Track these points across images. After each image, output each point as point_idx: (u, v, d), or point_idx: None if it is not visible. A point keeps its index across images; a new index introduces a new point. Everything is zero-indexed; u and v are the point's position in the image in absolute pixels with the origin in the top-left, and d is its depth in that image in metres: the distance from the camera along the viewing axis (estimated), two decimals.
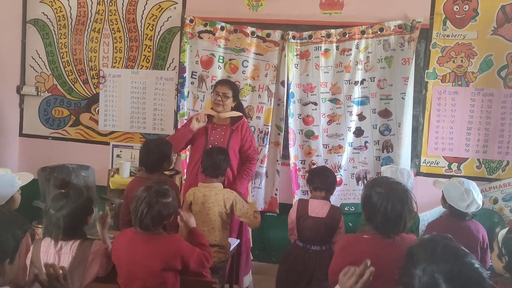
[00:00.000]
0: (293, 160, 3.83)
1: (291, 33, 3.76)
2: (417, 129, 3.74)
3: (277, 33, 3.82)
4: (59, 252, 1.95)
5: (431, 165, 3.77)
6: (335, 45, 3.75)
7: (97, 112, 4.30)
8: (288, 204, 3.63)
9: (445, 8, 3.66)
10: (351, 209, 3.81)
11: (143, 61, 4.18)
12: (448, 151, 3.74)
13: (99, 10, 4.22)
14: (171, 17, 4.08)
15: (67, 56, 4.32)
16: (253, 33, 3.85)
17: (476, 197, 2.48)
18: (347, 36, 3.72)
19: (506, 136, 3.64)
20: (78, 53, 4.29)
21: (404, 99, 3.64)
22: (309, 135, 3.87)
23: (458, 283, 1.13)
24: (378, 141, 3.80)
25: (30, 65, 4.39)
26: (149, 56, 4.16)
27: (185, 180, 3.55)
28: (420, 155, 3.78)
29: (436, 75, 3.71)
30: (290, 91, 3.80)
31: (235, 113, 3.26)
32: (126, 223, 2.71)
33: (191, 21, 3.92)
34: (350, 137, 3.82)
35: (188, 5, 4.05)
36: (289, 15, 3.86)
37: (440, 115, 3.74)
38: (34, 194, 3.62)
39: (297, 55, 3.81)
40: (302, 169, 3.88)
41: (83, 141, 4.34)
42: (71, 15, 4.27)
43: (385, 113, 3.77)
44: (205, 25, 3.91)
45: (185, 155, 3.96)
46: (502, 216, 3.60)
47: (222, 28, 3.89)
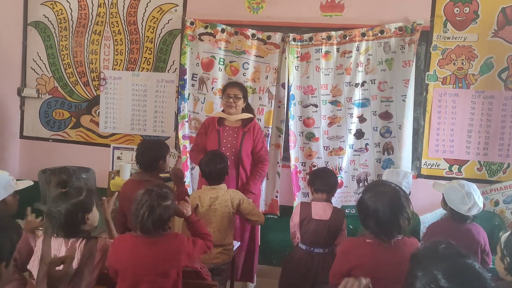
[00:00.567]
0: (293, 162, 3.83)
1: (291, 35, 3.76)
2: (417, 131, 3.74)
3: (277, 35, 3.82)
4: (69, 250, 1.98)
5: (432, 167, 3.77)
6: (335, 47, 3.76)
7: (97, 114, 4.30)
8: (289, 207, 3.63)
9: (446, 10, 3.66)
10: (351, 211, 3.80)
11: (143, 63, 4.19)
12: (449, 153, 3.74)
13: (100, 12, 4.23)
14: (171, 19, 4.09)
15: (68, 58, 4.32)
16: (253, 35, 3.85)
17: (477, 200, 2.47)
18: (347, 38, 3.72)
19: (507, 138, 3.63)
20: (79, 55, 4.30)
21: (404, 101, 3.64)
22: (310, 137, 3.87)
23: (458, 281, 1.13)
24: (379, 143, 3.80)
25: (31, 67, 4.40)
26: (150, 58, 4.17)
27: (198, 182, 3.52)
28: (421, 157, 3.77)
29: (437, 77, 3.71)
30: (291, 93, 3.80)
31: (246, 115, 3.30)
32: (122, 225, 2.73)
33: (192, 23, 3.92)
34: (351, 139, 3.81)
35: (188, 7, 4.05)
36: (289, 18, 3.86)
37: (440, 117, 3.74)
38: (35, 196, 3.62)
39: (297, 57, 3.81)
40: (302, 171, 3.88)
41: (83, 143, 4.35)
42: (72, 17, 4.28)
43: (386, 115, 3.77)
44: (206, 27, 3.91)
45: (186, 157, 3.96)
46: (503, 218, 3.60)
47: (223, 31, 3.89)
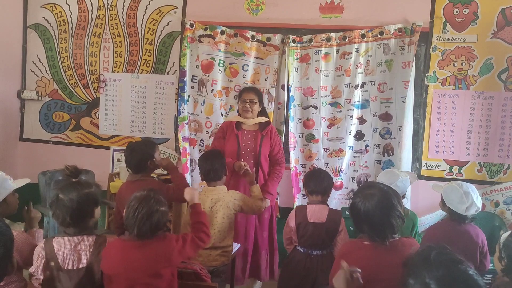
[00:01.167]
0: (293, 164, 3.83)
1: (291, 37, 3.77)
2: (417, 133, 3.74)
3: (277, 37, 3.82)
4: (75, 249, 1.99)
5: (432, 168, 3.76)
6: (335, 48, 3.76)
7: (97, 116, 4.31)
8: (289, 208, 3.62)
9: (445, 11, 3.67)
10: None
11: (143, 65, 4.19)
12: (449, 154, 3.74)
13: (99, 14, 4.23)
14: (171, 21, 4.10)
15: (67, 61, 4.33)
16: (253, 37, 3.86)
17: (475, 200, 2.47)
18: (347, 39, 3.72)
19: (507, 139, 3.63)
20: (78, 58, 4.31)
21: (404, 102, 3.64)
22: (310, 138, 3.86)
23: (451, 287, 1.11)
24: (379, 144, 3.80)
25: (31, 69, 4.41)
26: (150, 60, 4.17)
27: None
28: (421, 159, 3.77)
29: (437, 78, 3.71)
30: (291, 94, 3.80)
31: (263, 119, 3.35)
32: (119, 226, 2.73)
33: (191, 25, 3.93)
34: (351, 140, 3.81)
35: (188, 9, 4.06)
36: (289, 19, 3.87)
37: (440, 118, 3.74)
38: (35, 198, 3.61)
39: (297, 58, 3.82)
40: (302, 173, 3.87)
41: (83, 145, 4.35)
42: (71, 20, 4.29)
43: (386, 117, 3.76)
44: (205, 29, 3.92)
45: (186, 159, 3.96)
46: (503, 219, 3.59)
47: (222, 32, 3.89)
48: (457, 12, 3.65)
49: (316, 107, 3.83)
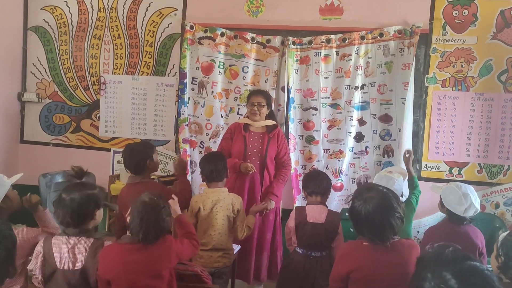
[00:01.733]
0: (293, 166, 3.83)
1: (291, 38, 3.77)
2: (417, 134, 3.75)
3: (277, 39, 3.83)
4: (72, 250, 1.99)
5: (432, 169, 3.77)
6: (335, 50, 3.76)
7: (97, 118, 4.31)
8: (289, 210, 3.61)
9: (445, 13, 3.67)
10: None
11: (143, 67, 4.20)
12: (449, 155, 3.74)
13: (99, 16, 4.24)
14: (171, 23, 4.11)
15: (68, 63, 4.34)
16: (253, 39, 3.86)
17: (473, 201, 2.47)
18: (347, 41, 3.73)
19: (507, 140, 3.64)
20: (79, 60, 4.31)
21: (404, 104, 3.64)
22: (310, 140, 3.87)
23: (468, 282, 1.15)
24: (379, 146, 3.80)
25: (31, 71, 4.41)
26: (150, 62, 4.18)
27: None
28: (421, 160, 3.77)
29: (436, 80, 3.72)
30: (290, 96, 3.81)
31: (271, 122, 3.40)
32: (121, 228, 2.73)
33: (192, 27, 3.93)
34: (351, 142, 3.82)
35: (188, 11, 4.07)
36: (289, 21, 3.87)
37: (440, 119, 3.74)
38: None
39: (297, 60, 3.82)
40: (302, 174, 3.88)
41: (84, 147, 4.35)
42: (72, 22, 4.30)
43: (386, 118, 3.77)
44: (206, 31, 3.92)
45: (186, 161, 3.96)
46: (503, 220, 3.60)
47: (222, 34, 3.90)
48: (456, 13, 3.66)
49: (316, 109, 3.84)
